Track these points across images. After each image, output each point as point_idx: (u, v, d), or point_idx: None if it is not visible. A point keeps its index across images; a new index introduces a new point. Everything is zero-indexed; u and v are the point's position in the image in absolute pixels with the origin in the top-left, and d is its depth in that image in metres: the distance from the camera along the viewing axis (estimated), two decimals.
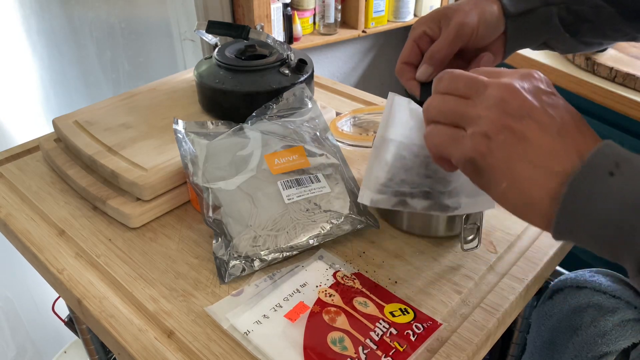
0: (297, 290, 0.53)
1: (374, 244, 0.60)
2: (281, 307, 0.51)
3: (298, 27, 1.70)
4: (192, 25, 1.54)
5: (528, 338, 0.72)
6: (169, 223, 0.65)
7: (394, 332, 0.48)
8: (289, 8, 1.65)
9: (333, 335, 0.48)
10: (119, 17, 1.44)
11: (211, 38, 0.82)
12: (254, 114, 0.69)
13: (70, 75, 1.43)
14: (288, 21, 1.66)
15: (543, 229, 0.39)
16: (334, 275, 0.55)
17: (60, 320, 0.93)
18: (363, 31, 1.80)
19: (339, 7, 1.75)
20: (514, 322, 0.75)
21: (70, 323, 0.90)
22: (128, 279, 0.56)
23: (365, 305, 0.51)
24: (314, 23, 1.78)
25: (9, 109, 1.33)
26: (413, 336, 0.48)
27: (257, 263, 0.56)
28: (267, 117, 0.68)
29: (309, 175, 0.61)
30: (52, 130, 0.77)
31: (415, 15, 1.89)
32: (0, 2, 1.26)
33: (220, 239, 0.57)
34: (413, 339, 0.48)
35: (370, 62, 2.05)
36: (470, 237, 0.57)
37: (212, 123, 0.67)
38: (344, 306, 0.51)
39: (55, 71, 1.40)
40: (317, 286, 0.53)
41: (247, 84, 0.73)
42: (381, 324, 0.49)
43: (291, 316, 0.50)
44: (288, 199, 0.59)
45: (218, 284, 0.55)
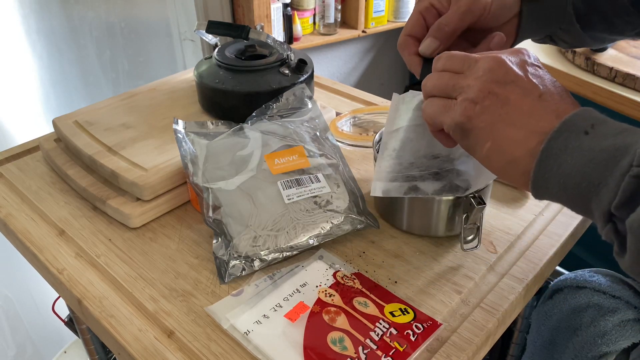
0: (297, 290, 0.53)
1: (374, 244, 0.60)
2: (281, 307, 0.51)
3: (298, 27, 1.70)
4: (192, 25, 1.54)
5: (528, 338, 0.72)
6: (169, 223, 0.65)
7: (394, 332, 0.48)
8: (289, 8, 1.65)
9: (333, 335, 0.48)
10: (119, 17, 1.44)
11: (211, 38, 0.82)
12: (254, 114, 0.69)
13: (70, 74, 1.43)
14: (288, 21, 1.66)
15: (525, 188, 0.42)
16: (334, 275, 0.55)
17: (60, 320, 0.93)
18: (363, 31, 1.80)
19: (339, 7, 1.75)
20: (514, 322, 0.75)
21: (70, 323, 0.90)
22: (128, 279, 0.56)
23: (365, 305, 0.51)
24: (314, 23, 1.78)
25: (9, 109, 1.33)
26: (413, 336, 0.48)
27: (257, 263, 0.56)
28: (267, 117, 0.68)
29: (309, 175, 0.61)
30: (52, 130, 0.77)
31: None
32: (0, 2, 1.26)
33: (220, 239, 0.57)
34: (413, 339, 0.48)
35: (370, 62, 2.05)
36: (470, 237, 0.57)
37: (212, 123, 0.67)
38: (344, 306, 0.51)
39: (55, 71, 1.40)
40: (317, 286, 0.53)
41: (247, 84, 0.73)
42: (381, 324, 0.49)
43: (291, 316, 0.50)
44: (288, 199, 0.59)
45: (218, 284, 0.55)
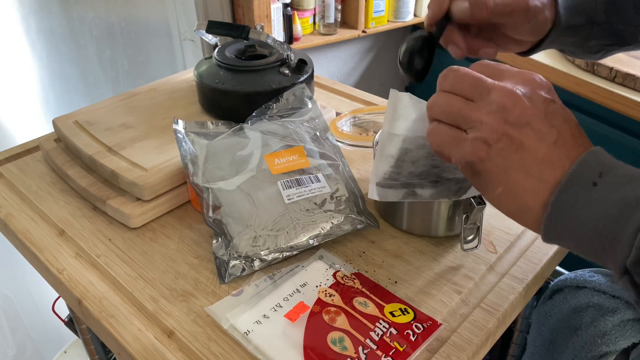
0: (297, 290, 0.53)
1: (374, 244, 0.60)
2: (281, 307, 0.51)
3: (298, 27, 1.70)
4: (192, 25, 1.54)
5: (528, 338, 0.72)
6: (169, 223, 0.65)
7: (394, 332, 0.48)
8: (289, 8, 1.65)
9: (333, 335, 0.48)
10: (119, 17, 1.44)
11: (211, 38, 0.82)
12: (254, 114, 0.69)
13: (69, 74, 1.43)
14: (288, 21, 1.66)
15: (535, 232, 0.41)
16: (334, 275, 0.55)
17: (60, 320, 0.93)
18: (363, 31, 1.80)
19: (339, 7, 1.75)
20: (514, 322, 0.75)
21: (70, 323, 0.90)
22: (128, 279, 0.56)
23: (365, 305, 0.51)
24: (314, 23, 1.78)
25: (9, 109, 1.33)
26: (413, 336, 0.48)
27: (257, 263, 0.56)
28: (267, 117, 0.68)
29: (309, 175, 0.61)
30: (52, 130, 0.77)
31: (415, 15, 1.89)
32: (0, 2, 1.26)
33: (220, 239, 0.57)
34: (413, 339, 0.48)
35: (370, 62, 2.05)
36: (470, 237, 0.57)
37: (212, 123, 0.67)
38: (344, 306, 0.51)
39: (54, 70, 1.40)
40: (317, 286, 0.53)
41: (247, 84, 0.73)
42: (381, 324, 0.49)
43: (291, 316, 0.50)
44: (288, 199, 0.59)
45: (218, 284, 0.55)
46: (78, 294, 0.55)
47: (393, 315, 0.50)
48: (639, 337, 0.60)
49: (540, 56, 1.38)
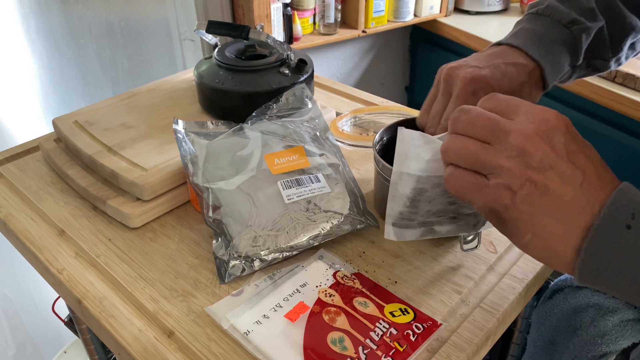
0: (297, 290, 0.53)
1: (374, 244, 0.60)
2: (281, 307, 0.51)
3: (298, 27, 1.70)
4: (192, 25, 1.53)
5: (528, 338, 0.72)
6: (169, 223, 0.65)
7: (394, 332, 0.48)
8: (289, 8, 1.65)
9: (333, 335, 0.48)
10: (119, 17, 1.44)
11: (211, 38, 0.82)
12: (254, 114, 0.69)
13: (69, 74, 1.43)
14: (288, 21, 1.66)
15: (570, 275, 0.40)
16: (334, 275, 0.55)
17: (60, 320, 0.93)
18: (363, 31, 1.80)
19: (339, 7, 1.75)
20: (514, 322, 0.75)
21: (70, 323, 0.90)
22: (128, 279, 0.56)
23: (365, 305, 0.51)
24: (314, 23, 1.78)
25: (9, 109, 1.33)
26: (413, 336, 0.48)
27: (257, 263, 0.56)
28: (267, 117, 0.68)
29: (309, 175, 0.61)
30: (52, 130, 0.77)
31: (415, 15, 1.89)
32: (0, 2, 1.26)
33: (220, 239, 0.57)
34: (413, 339, 0.48)
35: (370, 62, 2.05)
36: (470, 237, 0.57)
37: (212, 123, 0.67)
38: (344, 306, 0.51)
39: (54, 70, 1.40)
40: (317, 286, 0.53)
41: (247, 84, 0.73)
42: (381, 324, 0.49)
43: (291, 316, 0.50)
44: (288, 199, 0.59)
45: (218, 284, 0.55)
46: (78, 294, 0.55)
47: (393, 315, 0.50)
48: (639, 337, 0.60)
49: None
